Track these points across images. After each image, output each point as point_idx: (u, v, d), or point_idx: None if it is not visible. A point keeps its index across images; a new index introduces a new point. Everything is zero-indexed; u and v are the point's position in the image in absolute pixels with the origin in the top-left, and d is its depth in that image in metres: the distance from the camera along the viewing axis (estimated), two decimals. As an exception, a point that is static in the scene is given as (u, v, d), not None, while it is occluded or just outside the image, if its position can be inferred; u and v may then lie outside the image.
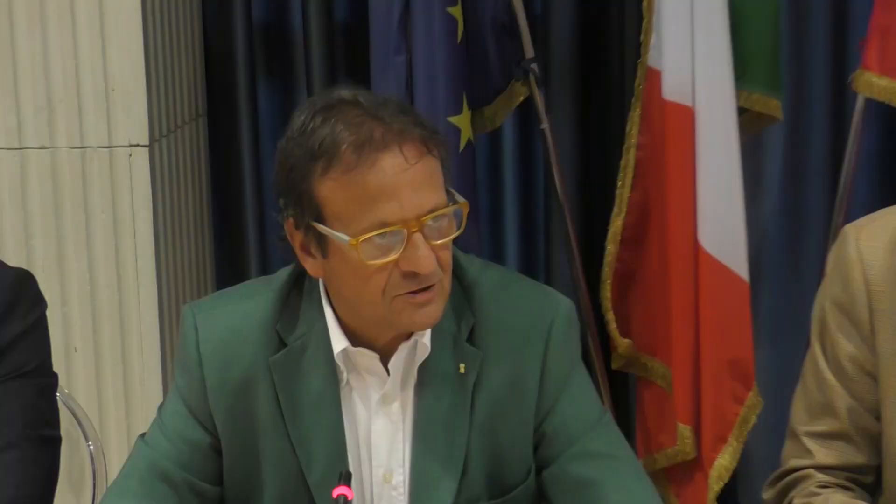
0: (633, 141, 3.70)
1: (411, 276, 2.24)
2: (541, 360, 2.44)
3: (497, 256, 4.11)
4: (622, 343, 3.79)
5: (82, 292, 3.73)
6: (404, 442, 2.44)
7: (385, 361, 2.41)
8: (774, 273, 4.05)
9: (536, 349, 2.44)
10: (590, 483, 2.44)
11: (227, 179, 4.17)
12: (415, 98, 3.51)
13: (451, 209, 2.27)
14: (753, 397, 3.67)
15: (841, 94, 3.89)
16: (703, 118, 3.58)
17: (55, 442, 2.70)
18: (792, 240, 4.04)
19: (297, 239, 2.35)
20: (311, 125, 2.31)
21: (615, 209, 3.75)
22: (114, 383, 3.74)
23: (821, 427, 2.54)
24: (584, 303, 3.79)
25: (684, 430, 3.66)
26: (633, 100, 3.70)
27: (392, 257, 2.24)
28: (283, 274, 2.48)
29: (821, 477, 2.52)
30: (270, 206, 3.91)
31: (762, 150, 3.97)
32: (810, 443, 2.54)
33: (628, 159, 3.71)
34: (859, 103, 3.59)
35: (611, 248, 3.77)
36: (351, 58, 4.04)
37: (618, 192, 3.74)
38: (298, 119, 2.34)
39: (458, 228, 2.31)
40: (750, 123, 3.67)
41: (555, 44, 4.01)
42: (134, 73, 3.69)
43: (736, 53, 3.60)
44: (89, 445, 3.23)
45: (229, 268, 4.19)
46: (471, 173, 3.65)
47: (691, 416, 3.67)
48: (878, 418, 2.49)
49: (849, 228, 2.53)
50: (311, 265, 2.36)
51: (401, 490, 2.45)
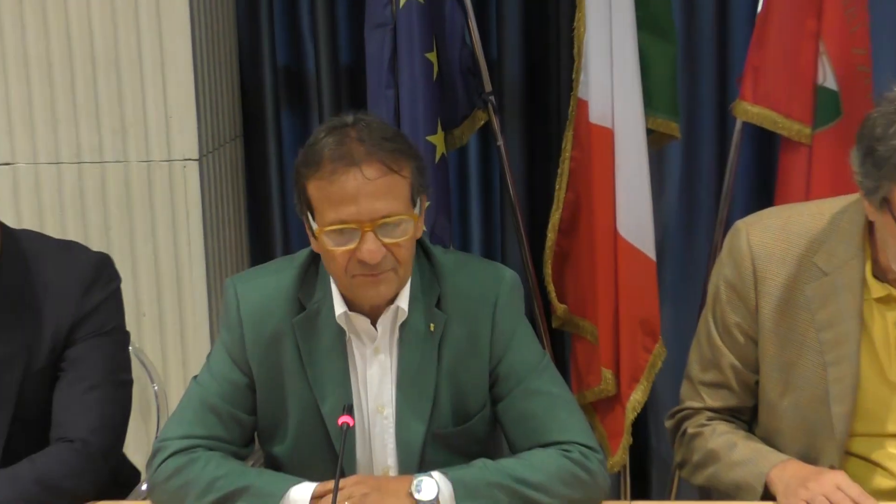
0: (567, 154, 3.68)
1: (363, 262, 2.29)
2: (491, 319, 2.46)
3: (464, 244, 4.10)
4: (560, 308, 3.76)
5: (149, 271, 3.74)
6: (391, 383, 2.48)
7: (374, 322, 2.45)
8: (674, 254, 4.03)
9: (487, 311, 2.47)
10: (533, 414, 2.46)
11: (258, 186, 4.15)
12: (401, 122, 3.50)
13: (404, 217, 2.32)
14: (659, 348, 3.68)
15: (724, 118, 3.87)
16: (619, 137, 3.57)
17: (128, 384, 2.73)
18: (687, 229, 4.04)
19: (304, 224, 2.41)
20: (315, 138, 2.39)
21: (554, 206, 3.74)
22: (172, 339, 3.74)
23: (709, 377, 2.57)
24: (531, 278, 3.77)
25: (607, 374, 3.65)
26: (567, 123, 3.68)
27: (350, 247, 2.30)
28: (303, 253, 2.52)
29: (709, 413, 2.57)
30: (291, 206, 3.88)
31: (664, 160, 3.95)
32: (701, 389, 2.58)
33: (563, 168, 3.69)
34: (738, 125, 3.61)
35: (551, 235, 3.76)
36: (352, 92, 4.01)
37: (556, 193, 3.73)
38: (314, 133, 2.41)
39: (416, 233, 2.38)
40: (655, 141, 3.66)
41: (507, 81, 3.99)
42: (186, 103, 3.67)
43: (644, 87, 3.58)
44: (154, 386, 3.28)
45: (260, 252, 4.15)
46: (444, 180, 3.65)
47: (612, 363, 3.66)
48: (755, 372, 2.53)
49: (741, 224, 2.56)
50: (313, 245, 2.44)
51: (390, 419, 2.48)
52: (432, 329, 2.43)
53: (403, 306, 2.42)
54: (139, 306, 3.70)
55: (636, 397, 3.68)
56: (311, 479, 2.32)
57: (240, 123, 4.05)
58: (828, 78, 3.42)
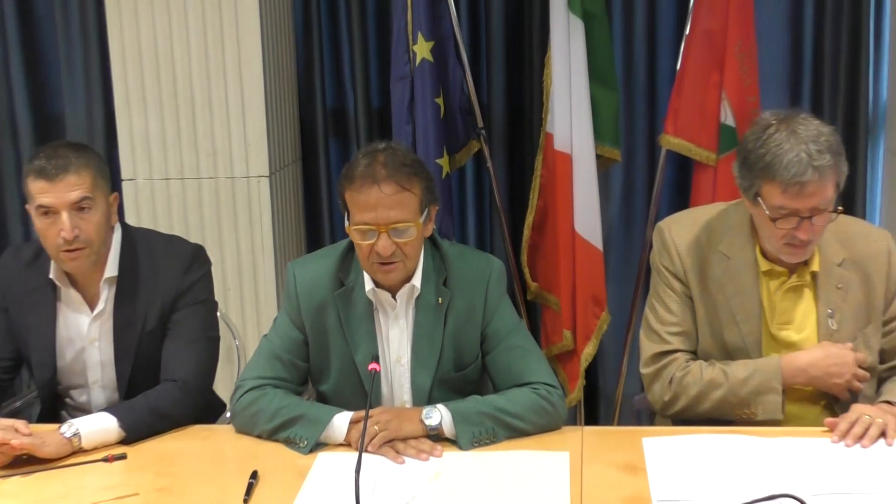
0: (538, 173, 3.68)
1: (378, 254, 2.31)
2: (483, 295, 2.46)
3: (463, 238, 4.05)
4: (532, 285, 3.76)
5: (232, 258, 3.72)
6: (407, 341, 2.48)
7: (394, 296, 2.45)
8: (616, 246, 4.00)
9: (481, 288, 2.47)
10: (511, 363, 2.46)
11: (312, 195, 4.11)
12: (417, 149, 3.47)
13: (411, 224, 2.32)
14: (605, 315, 3.68)
15: (653, 147, 3.86)
16: (576, 160, 3.56)
17: (217, 340, 2.71)
18: (626, 227, 3.99)
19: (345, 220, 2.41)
20: (354, 159, 2.39)
21: (528, 210, 3.73)
22: (249, 307, 3.74)
23: (673, 329, 2.50)
24: (512, 263, 3.76)
25: (567, 333, 3.65)
26: (538, 150, 3.67)
27: (370, 241, 2.32)
28: (343, 242, 2.50)
29: (683, 356, 2.48)
30: (335, 211, 3.99)
31: (609, 177, 3.92)
32: (668, 336, 2.50)
33: (535, 183, 3.69)
34: (663, 152, 3.60)
35: (526, 232, 3.75)
36: (381, 127, 3.98)
37: (530, 201, 3.72)
38: (354, 155, 2.43)
39: (420, 235, 2.37)
40: (602, 163, 3.64)
41: (494, 119, 3.96)
42: (260, 134, 3.65)
43: (594, 124, 3.57)
44: (236, 342, 3.29)
45: (312, 244, 4.10)
46: (448, 192, 3.63)
47: (570, 325, 3.65)
48: (695, 321, 2.51)
49: (662, 224, 2.58)
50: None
51: (406, 367, 2.48)
52: (440, 302, 2.43)
53: (417, 285, 2.42)
54: (226, 283, 3.69)
55: (588, 351, 3.66)
56: (349, 409, 2.35)
57: (299, 149, 4.00)
58: (728, 117, 3.43)
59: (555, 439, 2.31)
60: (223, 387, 2.85)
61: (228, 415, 2.73)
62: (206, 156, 3.67)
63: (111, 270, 2.57)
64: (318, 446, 2.30)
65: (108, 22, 3.60)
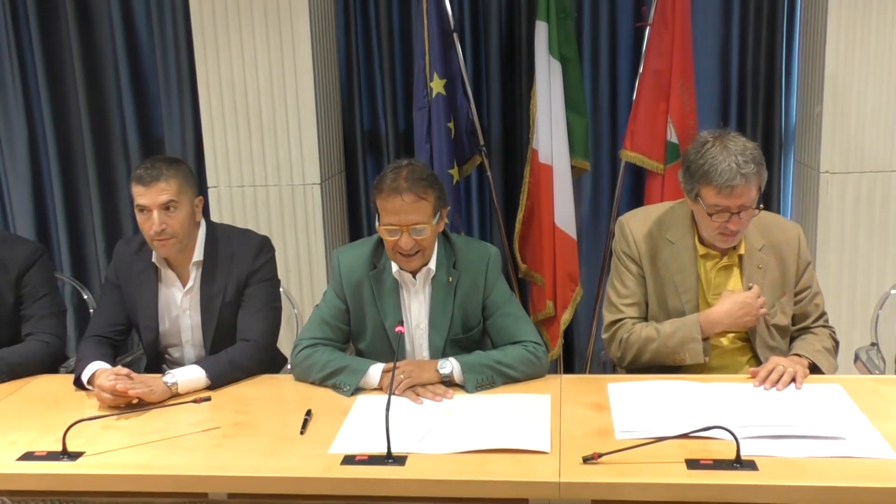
0: (526, 180, 3.64)
1: (401, 248, 2.31)
2: (484, 275, 2.43)
3: (469, 231, 3.99)
4: (522, 266, 3.72)
5: (292, 247, 3.68)
6: (426, 311, 2.45)
7: (415, 276, 2.43)
8: (587, 235, 3.94)
9: (482, 270, 2.44)
10: (506, 326, 2.43)
11: (352, 200, 4.08)
12: (433, 162, 3.45)
13: (427, 225, 2.30)
14: (578, 289, 3.66)
15: (615, 159, 3.82)
16: (556, 170, 3.55)
17: (280, 309, 2.66)
18: (594, 222, 3.92)
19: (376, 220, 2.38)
20: (383, 172, 2.35)
21: (519, 209, 3.69)
22: (305, 284, 3.70)
23: (627, 301, 2.47)
24: (506, 249, 3.72)
25: (549, 304, 3.63)
26: (526, 162, 3.63)
27: (395, 238, 2.31)
28: (376, 235, 2.44)
29: (630, 322, 2.46)
30: (370, 212, 3.93)
31: (581, 183, 3.88)
32: (623, 307, 2.47)
33: (524, 188, 3.66)
34: (623, 163, 3.56)
35: (518, 226, 3.71)
36: (406, 145, 3.94)
37: (520, 202, 3.68)
38: (384, 169, 2.36)
39: (434, 232, 2.35)
40: (575, 172, 3.59)
41: (493, 138, 3.91)
42: (313, 150, 3.60)
43: (569, 141, 3.54)
44: (294, 311, 3.26)
45: (352, 236, 4.07)
46: (457, 195, 3.59)
47: (552, 297, 3.64)
48: (645, 295, 2.48)
49: (622, 219, 2.54)
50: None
51: (424, 331, 2.45)
52: (451, 280, 2.41)
53: (432, 268, 2.40)
54: (287, 265, 3.65)
55: (565, 317, 3.64)
56: (381, 362, 2.33)
57: (342, 163, 3.96)
58: (672, 136, 3.40)
59: (540, 385, 2.29)
60: (285, 345, 2.84)
61: (289, 367, 2.73)
62: (272, 168, 3.63)
63: (198, 256, 2.55)
64: (358, 390, 2.28)
65: (197, 65, 3.59)
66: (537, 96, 3.50)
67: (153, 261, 2.54)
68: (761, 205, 2.28)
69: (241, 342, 2.50)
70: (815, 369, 2.29)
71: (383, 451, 1.89)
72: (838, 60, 3.30)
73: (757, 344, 2.40)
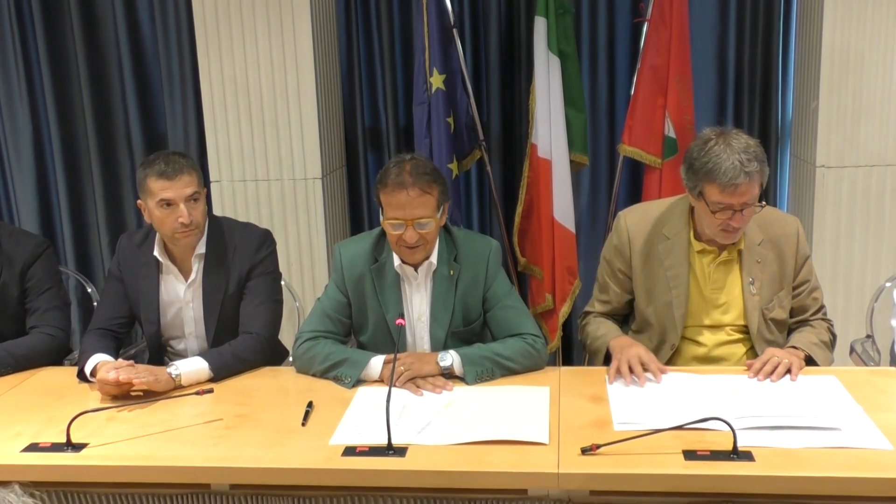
0: (526, 174, 3.63)
1: (405, 241, 2.30)
2: (485, 268, 2.42)
3: (469, 224, 3.98)
4: (522, 260, 3.72)
5: (293, 240, 3.67)
6: (427, 304, 2.44)
7: (416, 269, 2.42)
8: (585, 229, 3.94)
9: (483, 263, 2.42)
10: (506, 318, 2.42)
11: (353, 194, 4.07)
12: (433, 157, 3.43)
13: (430, 219, 2.30)
14: (577, 282, 3.65)
15: (613, 154, 3.80)
16: (554, 164, 3.53)
17: (281, 302, 2.65)
18: (592, 216, 3.94)
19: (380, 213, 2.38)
20: (386, 167, 2.35)
21: (518, 203, 3.68)
22: (307, 277, 3.71)
23: (602, 298, 2.55)
24: (506, 243, 3.71)
25: (548, 297, 3.63)
26: (526, 157, 3.62)
27: (399, 232, 2.30)
28: (378, 229, 2.46)
29: (592, 316, 2.55)
30: (372, 206, 3.94)
31: (580, 177, 3.87)
32: (596, 303, 2.56)
33: (523, 183, 3.65)
34: (621, 158, 3.56)
35: (517, 219, 3.71)
36: (407, 140, 3.94)
37: (519, 196, 3.67)
38: (386, 164, 2.36)
39: (437, 226, 2.34)
40: (574, 167, 3.59)
41: (492, 133, 3.91)
42: (314, 145, 3.59)
43: (568, 136, 3.53)
44: (296, 304, 3.21)
45: (353, 230, 4.08)
46: (457, 190, 3.59)
47: (551, 290, 3.64)
48: (629, 293, 2.51)
49: (620, 214, 2.54)
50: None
51: (425, 324, 2.45)
52: (452, 273, 2.39)
53: (434, 261, 2.39)
54: (289, 259, 3.64)
55: (564, 310, 3.64)
56: (382, 354, 2.32)
57: (344, 157, 3.95)
58: (670, 131, 3.38)
59: (539, 377, 2.28)
60: (287, 338, 2.83)
61: (290, 359, 2.69)
62: (273, 162, 3.61)
63: (200, 248, 2.54)
64: (359, 382, 2.27)
65: (199, 62, 3.57)
66: (536, 91, 3.48)
67: (155, 254, 2.53)
68: (763, 201, 2.28)
69: (243, 335, 2.48)
70: (810, 362, 2.28)
71: (384, 442, 1.88)
72: (834, 55, 3.30)
73: (754, 337, 2.39)
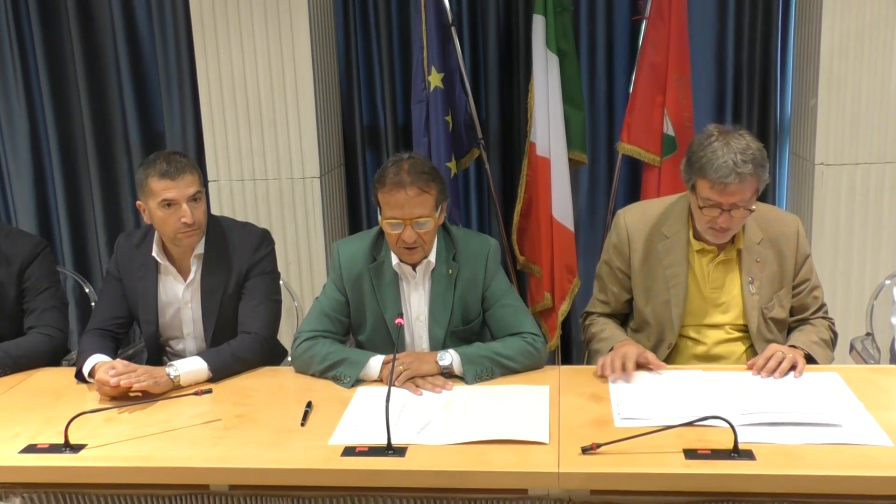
0: (524, 173, 3.63)
1: (404, 241, 2.29)
2: (484, 267, 2.42)
3: (467, 223, 3.99)
4: (521, 258, 3.72)
5: (291, 240, 3.68)
6: (425, 303, 2.43)
7: (415, 269, 2.41)
8: (584, 228, 3.95)
9: (482, 262, 2.42)
10: (505, 317, 2.42)
11: (352, 193, 4.07)
12: (431, 156, 3.43)
13: (429, 218, 2.29)
14: (576, 280, 3.65)
15: (612, 152, 3.81)
16: (553, 163, 3.54)
17: (280, 302, 2.64)
18: (591, 214, 3.94)
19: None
20: (384, 166, 2.33)
21: (517, 201, 3.69)
22: (305, 277, 3.71)
23: (601, 297, 2.55)
24: (504, 242, 3.72)
25: (547, 295, 3.63)
26: (524, 155, 3.62)
27: (398, 232, 2.29)
28: (376, 228, 2.45)
29: (599, 315, 2.55)
30: (370, 205, 3.92)
31: (578, 176, 3.86)
32: (596, 303, 2.56)
33: (522, 181, 3.65)
34: (620, 156, 3.57)
35: (516, 218, 3.72)
36: (405, 139, 3.93)
37: (518, 194, 3.68)
38: (384, 163, 2.35)
39: (436, 225, 2.33)
40: (573, 165, 3.59)
41: (491, 131, 3.91)
42: (312, 145, 3.58)
43: (566, 135, 3.53)
44: (295, 303, 3.22)
45: (351, 229, 4.07)
46: (456, 189, 3.59)
47: (550, 289, 3.64)
48: (628, 293, 2.51)
49: (620, 212, 2.53)
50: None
51: (424, 323, 2.44)
52: (450, 272, 2.39)
53: (432, 260, 2.38)
54: (287, 258, 3.64)
55: (563, 308, 3.64)
56: (381, 354, 2.31)
57: (342, 157, 3.95)
58: (669, 129, 3.39)
59: (538, 376, 2.28)
60: (285, 338, 2.82)
61: (289, 359, 2.70)
62: (271, 162, 3.61)
63: (199, 248, 2.53)
64: (358, 382, 2.27)
65: (197, 60, 3.57)
66: (535, 90, 3.49)
67: (153, 254, 2.52)
68: (753, 207, 2.25)
69: (242, 335, 2.48)
70: (810, 361, 2.28)
71: (383, 442, 1.88)
72: (833, 53, 3.29)
73: (754, 337, 2.39)
